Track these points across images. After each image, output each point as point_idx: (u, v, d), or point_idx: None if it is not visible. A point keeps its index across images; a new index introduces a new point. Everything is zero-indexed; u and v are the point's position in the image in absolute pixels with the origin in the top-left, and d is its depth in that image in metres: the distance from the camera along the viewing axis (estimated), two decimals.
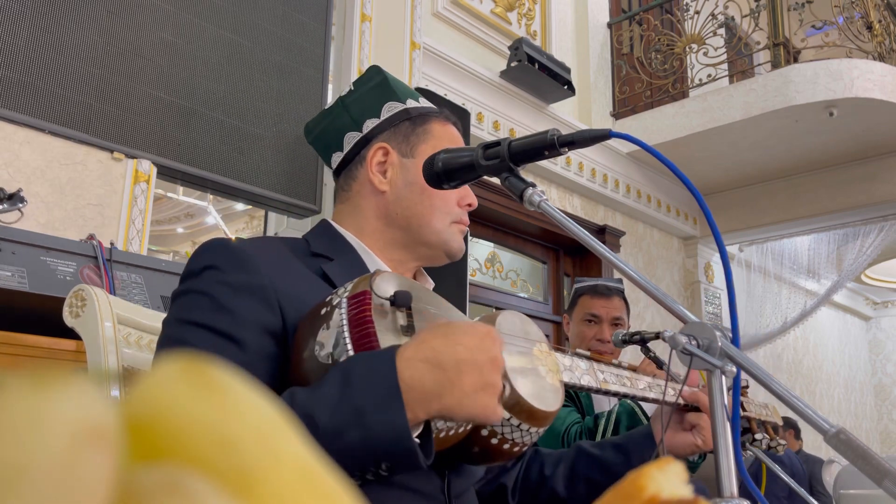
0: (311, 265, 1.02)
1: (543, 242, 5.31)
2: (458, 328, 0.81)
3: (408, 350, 0.79)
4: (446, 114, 1.20)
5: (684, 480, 0.31)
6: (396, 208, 1.12)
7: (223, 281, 0.92)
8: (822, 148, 5.36)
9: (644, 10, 5.66)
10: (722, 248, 0.90)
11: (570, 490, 1.20)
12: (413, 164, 1.12)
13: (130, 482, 0.19)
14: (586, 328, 2.21)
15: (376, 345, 0.81)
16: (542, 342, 1.01)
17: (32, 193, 2.54)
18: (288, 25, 3.41)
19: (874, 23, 5.25)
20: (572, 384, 1.03)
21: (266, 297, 0.91)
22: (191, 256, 0.98)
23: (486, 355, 0.79)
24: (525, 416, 0.90)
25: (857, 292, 9.99)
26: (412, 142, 1.14)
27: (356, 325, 0.82)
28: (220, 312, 0.89)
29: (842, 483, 2.41)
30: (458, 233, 1.14)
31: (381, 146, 1.13)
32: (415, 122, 1.15)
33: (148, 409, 0.21)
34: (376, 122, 1.15)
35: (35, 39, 2.60)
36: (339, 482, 0.23)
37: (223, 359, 0.80)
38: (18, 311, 1.89)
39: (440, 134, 1.15)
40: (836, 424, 0.76)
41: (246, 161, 3.13)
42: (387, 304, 0.85)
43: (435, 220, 1.11)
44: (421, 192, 1.11)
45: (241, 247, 0.96)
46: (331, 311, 0.85)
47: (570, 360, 1.06)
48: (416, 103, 1.18)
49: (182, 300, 0.94)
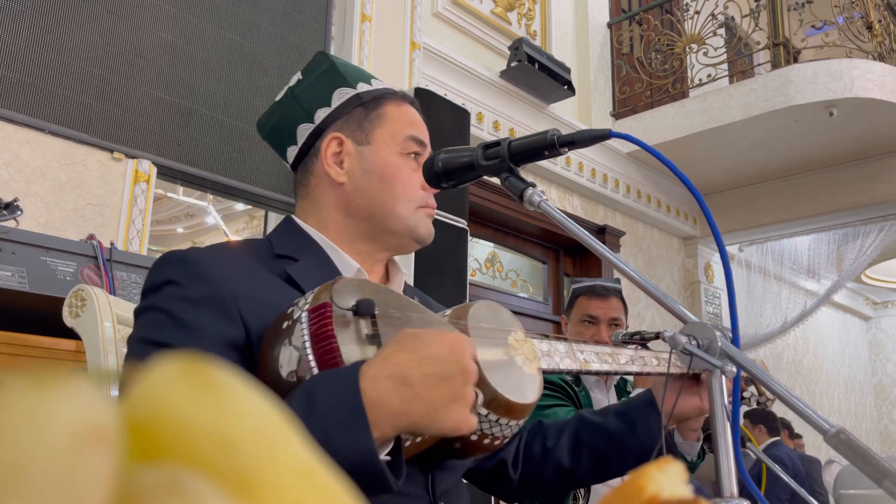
0: (274, 268, 0.99)
1: (543, 242, 5.31)
2: (424, 339, 0.78)
3: (373, 367, 0.76)
4: (402, 94, 1.15)
5: (684, 480, 0.31)
6: (357, 199, 1.07)
7: (182, 296, 0.89)
8: (822, 148, 5.36)
9: (644, 10, 5.66)
10: (722, 248, 0.90)
11: (574, 461, 1.17)
12: (370, 152, 1.08)
13: (130, 482, 0.19)
14: (584, 329, 2.21)
15: (340, 360, 0.79)
16: (517, 330, 0.99)
17: (32, 193, 2.54)
18: (288, 25, 3.41)
19: (874, 23, 5.25)
20: (552, 369, 1.00)
21: (227, 309, 0.89)
22: (150, 270, 0.96)
23: (455, 366, 0.77)
24: (503, 411, 0.88)
25: (857, 292, 9.99)
26: (366, 128, 1.09)
27: (318, 341, 0.80)
28: (179, 329, 0.87)
29: (842, 483, 2.42)
30: (426, 217, 1.09)
31: (335, 136, 1.08)
32: (368, 107, 1.10)
33: (148, 409, 0.21)
34: (328, 110, 1.10)
35: (35, 39, 2.60)
36: (338, 482, 0.23)
37: None
38: (18, 311, 1.89)
39: (396, 116, 1.10)
40: (836, 424, 0.76)
41: (246, 161, 3.13)
42: (349, 315, 0.82)
43: (399, 207, 1.06)
44: (380, 179, 1.06)
45: (199, 258, 0.93)
46: (292, 326, 0.82)
47: (549, 345, 1.03)
48: (368, 86, 1.12)
49: (143, 318, 0.92)
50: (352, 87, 1.11)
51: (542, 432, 1.22)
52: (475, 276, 4.76)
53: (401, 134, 1.09)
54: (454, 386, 0.76)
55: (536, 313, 5.14)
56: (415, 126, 1.11)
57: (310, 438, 0.76)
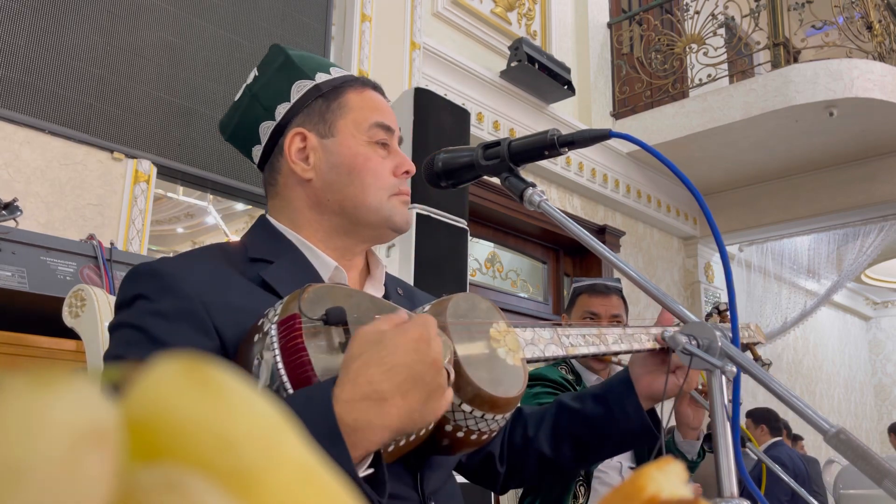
0: (249, 273, 0.97)
1: (543, 242, 5.31)
2: (387, 345, 0.76)
3: (345, 391, 0.74)
4: (363, 80, 1.10)
5: (684, 480, 0.31)
6: (327, 195, 1.04)
7: (154, 311, 0.88)
8: (822, 148, 5.36)
9: (644, 10, 5.66)
10: (722, 248, 0.90)
11: (555, 450, 1.16)
12: (335, 144, 1.04)
13: (130, 482, 0.19)
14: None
15: (312, 373, 0.77)
16: (499, 321, 0.96)
17: (32, 193, 2.54)
18: (288, 25, 3.41)
19: (874, 23, 5.26)
20: (537, 358, 0.99)
21: (199, 321, 0.87)
22: (121, 284, 0.94)
23: (423, 364, 0.76)
24: (488, 407, 0.87)
25: (857, 292, 10.00)
26: (329, 119, 1.05)
27: (289, 354, 0.78)
28: (153, 345, 0.85)
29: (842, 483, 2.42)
30: (400, 204, 1.05)
31: (298, 131, 1.05)
32: (328, 98, 1.06)
33: (147, 409, 0.21)
34: (288, 105, 1.06)
35: (35, 39, 2.60)
36: (338, 482, 0.23)
37: None
38: (18, 311, 1.89)
39: (358, 104, 1.06)
40: (836, 424, 0.76)
41: (246, 161, 3.12)
42: (319, 325, 0.80)
43: (369, 197, 1.03)
44: (349, 172, 1.03)
45: (168, 270, 0.91)
46: (262, 338, 0.81)
47: (532, 333, 1.00)
48: (327, 76, 1.08)
49: (118, 334, 0.90)
50: (310, 79, 1.07)
51: (522, 421, 1.21)
52: (475, 276, 4.76)
53: (365, 122, 1.05)
54: (426, 382, 0.76)
55: (536, 313, 5.14)
56: (379, 111, 1.07)
57: None
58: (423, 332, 0.77)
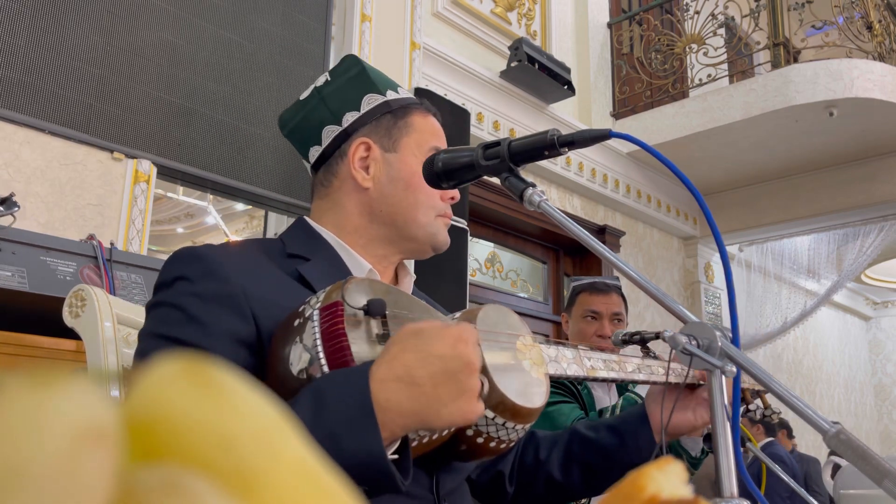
0: (286, 267, 1.00)
1: (543, 242, 5.31)
2: (428, 336, 0.78)
3: (380, 370, 0.77)
4: (426, 105, 1.17)
5: (684, 480, 0.31)
6: (381, 205, 1.09)
7: (193, 292, 0.90)
8: (822, 148, 5.36)
9: (644, 10, 5.66)
10: (722, 248, 0.90)
11: (565, 475, 1.18)
12: (396, 159, 1.09)
13: (130, 482, 0.19)
14: (586, 325, 2.23)
15: (350, 359, 0.80)
16: (525, 335, 0.99)
17: (32, 193, 2.54)
18: (288, 25, 3.41)
19: (874, 23, 5.25)
20: (559, 375, 1.01)
21: (238, 305, 0.90)
22: (163, 266, 0.96)
23: (459, 361, 0.78)
24: (510, 415, 0.89)
25: (857, 292, 9.99)
26: (394, 136, 1.10)
27: (329, 339, 0.80)
28: (190, 325, 0.88)
29: (842, 483, 2.42)
30: (444, 226, 1.13)
31: (363, 141, 1.09)
32: (396, 115, 1.11)
33: (148, 408, 0.21)
34: (356, 115, 1.11)
35: (35, 39, 2.60)
36: (338, 482, 0.23)
37: None
38: (18, 311, 1.89)
39: (422, 126, 1.13)
40: (836, 424, 0.76)
41: (246, 161, 3.13)
42: (360, 314, 0.83)
43: (420, 215, 1.09)
44: (406, 188, 1.08)
45: (211, 255, 0.94)
46: (303, 324, 0.83)
47: (556, 351, 1.03)
48: (396, 94, 1.14)
49: (155, 313, 0.93)
50: (381, 94, 1.12)
51: (534, 443, 1.23)
52: (475, 276, 4.76)
53: (426, 144, 1.11)
54: (460, 380, 0.78)
55: (536, 313, 5.14)
56: (438, 137, 1.14)
57: (318, 437, 0.74)
58: (463, 334, 0.79)
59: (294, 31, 3.43)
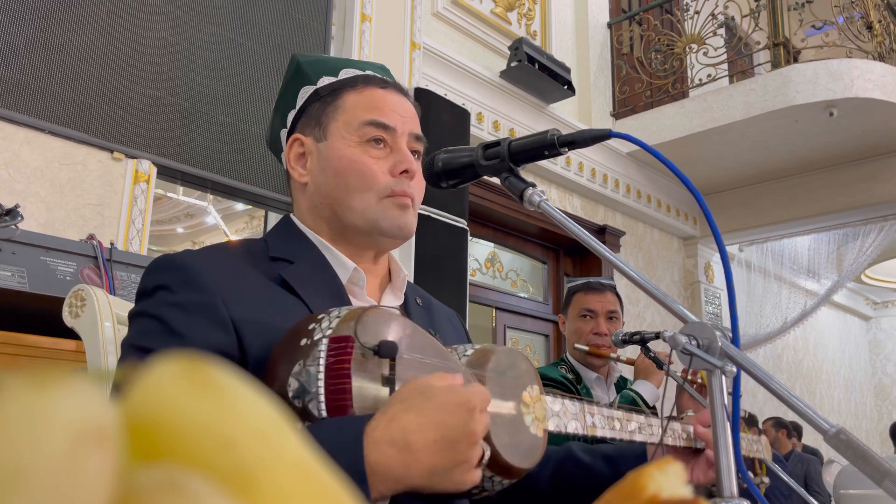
0: (269, 272, 0.96)
1: (543, 242, 5.31)
2: (433, 398, 0.74)
3: (377, 430, 0.73)
4: (367, 77, 1.06)
5: (684, 481, 0.31)
6: (318, 198, 1.03)
7: (174, 302, 0.88)
8: (822, 148, 5.36)
9: (644, 10, 5.66)
10: (722, 248, 0.90)
11: (553, 490, 1.17)
12: (326, 147, 1.03)
13: (130, 482, 0.19)
14: (583, 323, 2.25)
15: (349, 403, 0.77)
16: (533, 384, 0.96)
17: (32, 193, 2.54)
18: (288, 25, 3.41)
19: (874, 23, 5.26)
20: (558, 432, 0.98)
21: (219, 316, 0.87)
22: (143, 274, 0.94)
23: (461, 431, 0.74)
24: (499, 469, 0.87)
25: (857, 292, 10.00)
26: (323, 123, 1.04)
27: (333, 376, 0.78)
28: (171, 336, 0.86)
29: (842, 483, 2.42)
30: (393, 207, 1.00)
31: (295, 137, 1.06)
32: (325, 101, 1.05)
33: (147, 409, 0.21)
34: (294, 112, 1.08)
35: (35, 39, 2.60)
36: (338, 482, 0.23)
37: None
38: (18, 311, 1.89)
39: (353, 104, 1.03)
40: (836, 424, 0.76)
41: (246, 161, 3.13)
42: (370, 354, 0.80)
43: (354, 201, 1.00)
44: (335, 175, 1.01)
45: (191, 263, 0.91)
46: (310, 347, 0.80)
47: (560, 406, 1.00)
48: (332, 78, 1.07)
49: (136, 323, 0.91)
50: (312, 84, 1.07)
51: None
52: (475, 276, 4.76)
53: (355, 121, 1.02)
54: (458, 451, 0.74)
55: (536, 313, 5.14)
56: (375, 109, 1.02)
57: None
58: (471, 401, 0.75)
59: (294, 31, 3.43)
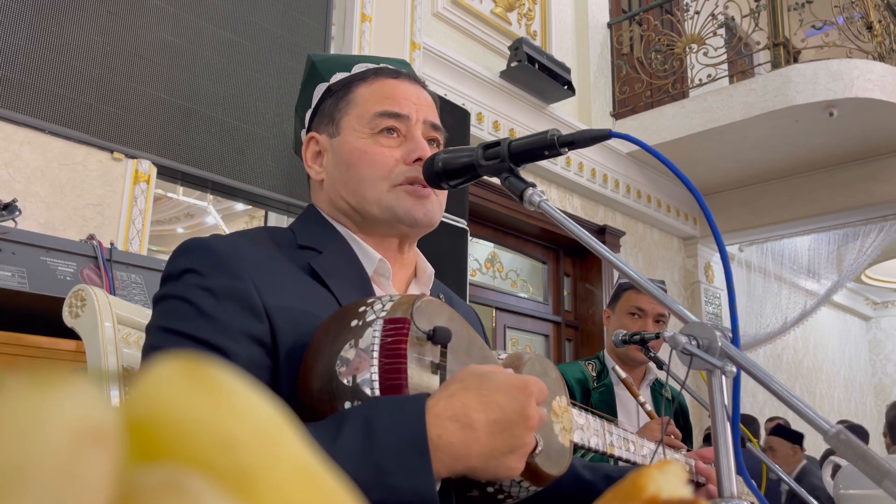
0: (297, 260, 0.95)
1: (543, 242, 5.31)
2: (491, 381, 0.75)
3: (438, 405, 0.73)
4: (378, 69, 1.07)
5: (684, 481, 0.31)
6: (335, 193, 1.04)
7: (203, 286, 0.85)
8: (822, 148, 5.36)
9: (644, 10, 5.66)
10: (722, 248, 0.90)
11: (547, 496, 1.16)
12: (339, 142, 1.03)
13: (130, 482, 0.19)
14: (630, 321, 2.25)
15: (404, 384, 0.76)
16: (562, 395, 0.96)
17: (32, 193, 2.54)
18: (288, 25, 3.41)
19: (874, 23, 5.25)
20: (580, 445, 0.99)
21: (251, 302, 0.85)
22: (170, 257, 0.91)
23: (519, 415, 0.74)
24: (528, 475, 0.86)
25: (857, 292, 10.00)
26: (336, 118, 1.04)
27: (388, 355, 0.77)
28: (202, 320, 0.83)
29: (842, 483, 2.42)
30: (406, 195, 1.00)
31: (311, 136, 1.06)
32: (337, 97, 1.05)
33: (147, 409, 0.21)
34: (310, 111, 1.09)
35: (35, 39, 2.60)
36: (338, 482, 0.23)
37: None
38: (18, 311, 1.89)
39: (365, 97, 1.04)
40: (836, 424, 0.76)
41: (246, 161, 3.13)
42: (424, 338, 0.79)
43: (368, 191, 1.00)
44: (347, 168, 1.02)
45: (221, 247, 0.89)
46: (362, 328, 0.79)
47: (585, 420, 1.01)
48: (345, 74, 1.07)
49: (163, 306, 0.88)
50: (325, 81, 1.08)
51: None
52: (475, 276, 4.76)
53: (367, 113, 1.02)
54: (515, 435, 0.74)
55: (536, 313, 5.14)
56: (386, 100, 1.03)
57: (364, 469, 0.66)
58: (529, 387, 0.75)
59: (294, 30, 3.43)
